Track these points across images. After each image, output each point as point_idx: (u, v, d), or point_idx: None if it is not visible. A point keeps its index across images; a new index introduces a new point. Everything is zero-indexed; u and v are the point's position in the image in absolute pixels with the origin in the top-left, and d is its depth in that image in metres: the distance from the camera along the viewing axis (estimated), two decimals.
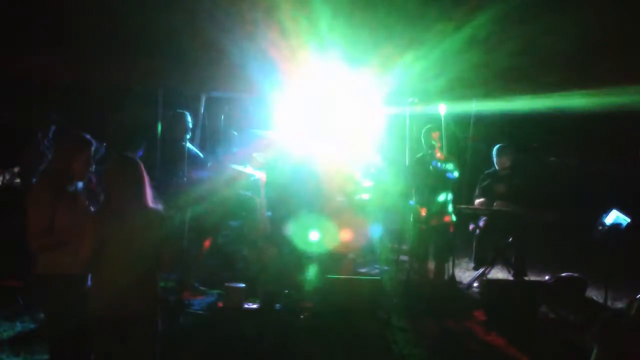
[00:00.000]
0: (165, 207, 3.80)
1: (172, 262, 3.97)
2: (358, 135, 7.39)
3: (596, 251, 6.51)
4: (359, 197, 7.15)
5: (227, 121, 7.85)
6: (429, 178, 6.81)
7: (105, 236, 3.53)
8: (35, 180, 4.05)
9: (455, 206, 6.95)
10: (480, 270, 7.16)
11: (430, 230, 6.87)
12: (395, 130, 7.53)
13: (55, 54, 6.79)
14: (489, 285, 6.33)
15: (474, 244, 7.60)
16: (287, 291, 6.13)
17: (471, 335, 5.77)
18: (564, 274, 6.62)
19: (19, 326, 5.42)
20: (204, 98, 7.81)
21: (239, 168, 6.80)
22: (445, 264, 6.90)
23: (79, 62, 6.85)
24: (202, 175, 6.63)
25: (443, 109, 7.12)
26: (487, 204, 7.21)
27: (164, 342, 3.80)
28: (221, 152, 7.18)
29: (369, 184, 7.32)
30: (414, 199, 6.87)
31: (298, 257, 6.35)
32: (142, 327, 3.61)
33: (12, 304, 5.78)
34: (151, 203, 3.65)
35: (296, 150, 7.09)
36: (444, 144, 6.96)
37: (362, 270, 7.18)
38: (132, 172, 3.66)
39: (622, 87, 6.56)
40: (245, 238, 6.85)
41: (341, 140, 7.30)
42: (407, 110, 6.94)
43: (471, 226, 7.46)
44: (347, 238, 6.68)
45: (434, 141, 6.85)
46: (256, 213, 6.82)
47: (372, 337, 5.46)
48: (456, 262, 7.19)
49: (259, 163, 7.07)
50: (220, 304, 6.04)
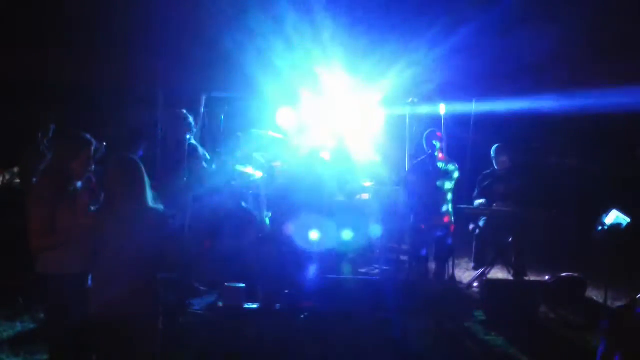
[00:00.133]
0: (165, 207, 3.80)
1: (172, 262, 3.97)
2: (358, 135, 7.40)
3: (596, 251, 6.51)
4: (359, 197, 7.15)
5: (227, 121, 7.86)
6: (430, 194, 6.77)
7: (105, 236, 3.53)
8: (35, 180, 4.04)
9: (455, 206, 6.96)
10: (480, 270, 7.16)
11: (430, 230, 6.87)
12: (395, 130, 7.54)
13: (56, 53, 6.80)
14: (489, 285, 6.34)
15: (474, 244, 7.60)
16: (287, 291, 6.14)
17: (471, 335, 5.77)
18: (564, 274, 6.61)
19: (19, 326, 5.42)
20: (204, 98, 7.81)
21: (241, 168, 6.81)
22: (445, 264, 6.91)
23: (79, 61, 6.86)
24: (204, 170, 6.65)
25: (443, 109, 7.12)
26: (487, 204, 7.22)
27: (164, 342, 3.79)
28: (223, 152, 7.18)
29: (368, 184, 7.32)
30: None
31: (298, 256, 6.35)
32: (142, 327, 3.61)
33: (12, 304, 5.77)
34: (151, 203, 3.65)
35: (296, 150, 7.09)
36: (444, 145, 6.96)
37: (362, 270, 7.18)
38: (132, 172, 3.65)
39: (621, 88, 6.56)
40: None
41: (341, 140, 7.31)
42: (407, 111, 6.95)
43: (471, 226, 7.46)
44: (347, 238, 6.69)
45: (435, 142, 6.85)
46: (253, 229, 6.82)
47: (372, 337, 5.46)
48: (456, 262, 7.19)
49: (259, 163, 7.07)
50: (220, 304, 6.04)
